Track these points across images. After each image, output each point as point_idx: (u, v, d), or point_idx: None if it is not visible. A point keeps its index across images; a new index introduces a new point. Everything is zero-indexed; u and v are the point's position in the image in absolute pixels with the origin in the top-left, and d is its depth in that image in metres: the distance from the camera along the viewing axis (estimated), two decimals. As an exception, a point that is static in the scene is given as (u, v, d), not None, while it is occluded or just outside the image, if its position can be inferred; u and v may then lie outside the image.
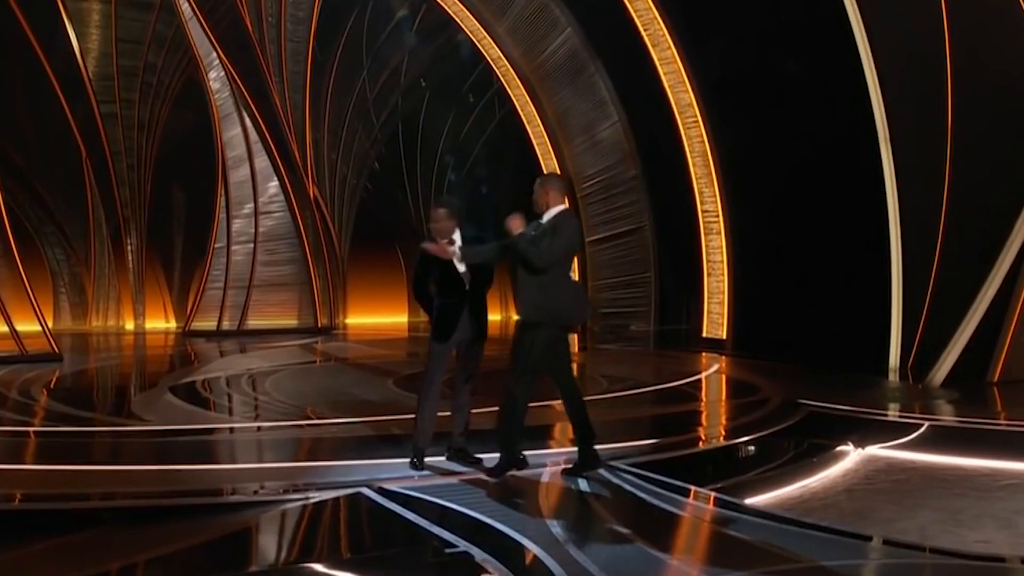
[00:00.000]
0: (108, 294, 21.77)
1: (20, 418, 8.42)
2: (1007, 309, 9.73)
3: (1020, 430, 7.63)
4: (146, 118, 21.15)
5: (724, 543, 4.49)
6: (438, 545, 4.24)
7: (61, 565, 4.17)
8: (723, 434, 7.80)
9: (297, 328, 18.79)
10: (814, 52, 11.65)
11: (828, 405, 8.43)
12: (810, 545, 4.28)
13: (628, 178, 17.30)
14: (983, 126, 9.93)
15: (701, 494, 5.29)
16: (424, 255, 5.73)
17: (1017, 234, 9.64)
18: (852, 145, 10.87)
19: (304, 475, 5.86)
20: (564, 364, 5.71)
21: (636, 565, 4.01)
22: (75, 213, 21.48)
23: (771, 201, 13.19)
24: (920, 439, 7.12)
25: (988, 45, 10.09)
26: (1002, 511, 4.90)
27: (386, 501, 4.97)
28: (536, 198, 5.57)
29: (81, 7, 20.12)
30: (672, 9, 15.04)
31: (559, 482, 5.49)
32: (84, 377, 12.33)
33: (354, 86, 22.31)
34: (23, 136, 20.39)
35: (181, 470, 6.10)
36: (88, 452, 7.08)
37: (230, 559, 4.39)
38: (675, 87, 15.23)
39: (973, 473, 5.84)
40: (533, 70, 18.20)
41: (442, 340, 5.76)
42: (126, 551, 4.38)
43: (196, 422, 8.34)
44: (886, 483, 5.57)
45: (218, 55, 18.12)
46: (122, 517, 4.97)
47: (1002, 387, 9.63)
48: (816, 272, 11.88)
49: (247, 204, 18.70)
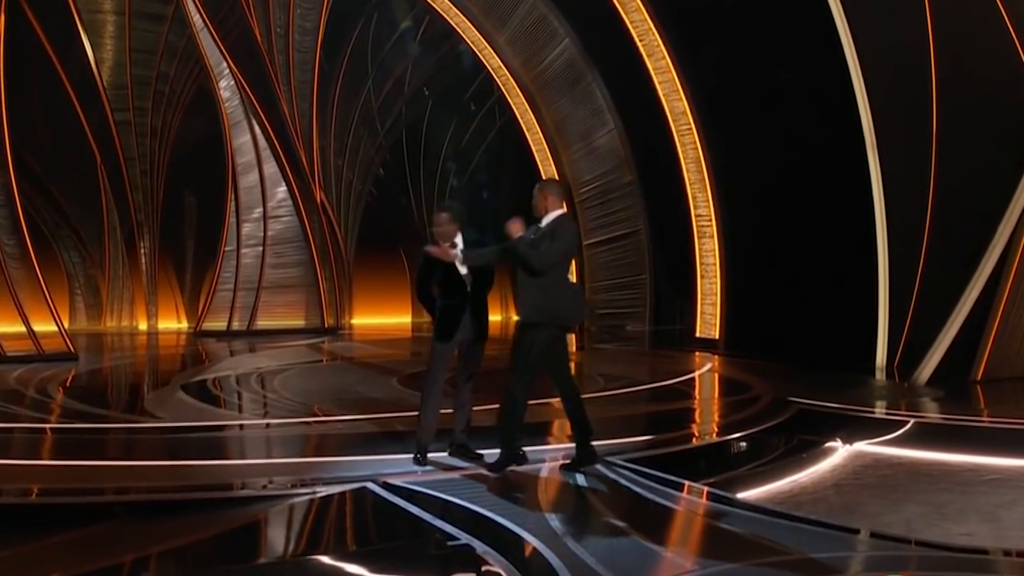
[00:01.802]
0: (122, 295, 21.76)
1: (37, 415, 8.42)
2: (990, 310, 9.73)
3: (1002, 427, 7.63)
4: (159, 126, 21.16)
5: (717, 536, 4.49)
6: (441, 538, 4.24)
7: (77, 557, 4.16)
8: (716, 431, 7.80)
9: (304, 328, 18.78)
10: (804, 62, 11.66)
11: (817, 403, 8.43)
12: (800, 538, 4.28)
13: (624, 183, 17.31)
14: (967, 133, 9.93)
15: (695, 489, 5.29)
16: (427, 258, 5.74)
17: (999, 238, 9.64)
18: (841, 151, 10.87)
19: (311, 470, 5.86)
20: (562, 363, 5.71)
21: (632, 557, 4.01)
22: (90, 217, 21.48)
23: (762, 205, 13.19)
24: (906, 436, 7.12)
25: (972, 55, 10.10)
26: (985, 505, 4.90)
27: (390, 495, 4.97)
28: (535, 203, 5.57)
29: (96, 19, 20.13)
30: (666, 20, 15.07)
31: (557, 477, 5.49)
32: (99, 376, 12.33)
33: (360, 95, 22.33)
34: (40, 143, 20.37)
35: (193, 465, 6.10)
36: (103, 448, 7.08)
37: (240, 551, 4.39)
38: (669, 95, 15.24)
39: (957, 468, 5.84)
40: (532, 79, 18.21)
41: (444, 340, 5.76)
42: (139, 544, 4.37)
43: (207, 419, 8.33)
44: (873, 478, 5.57)
45: (228, 65, 18.13)
46: (136, 511, 4.98)
47: (985, 385, 9.62)
48: (806, 274, 11.88)
49: (256, 209, 18.70)
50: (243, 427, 8.23)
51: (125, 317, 21.75)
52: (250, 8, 18.14)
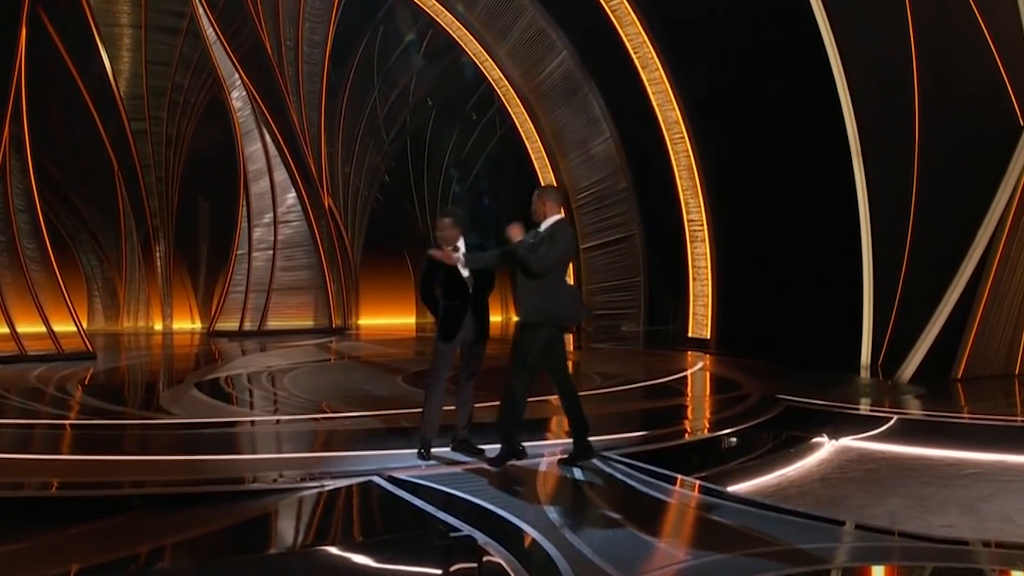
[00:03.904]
0: (138, 297, 21.76)
1: (57, 412, 8.43)
2: (970, 311, 9.74)
3: (981, 423, 7.63)
4: (173, 134, 21.16)
5: (708, 527, 4.50)
6: (444, 529, 4.24)
7: (95, 548, 4.17)
8: (707, 427, 7.79)
9: (313, 328, 18.77)
10: (792, 73, 11.66)
11: (804, 400, 8.43)
12: (788, 529, 4.28)
13: (619, 190, 17.30)
14: (948, 142, 9.93)
15: (687, 482, 5.29)
16: (431, 261, 5.74)
17: (979, 242, 9.66)
18: (827, 159, 10.86)
19: (319, 465, 5.86)
20: (560, 362, 5.71)
21: (627, 548, 4.02)
22: (108, 222, 21.49)
23: (752, 211, 13.19)
24: (889, 431, 7.12)
25: (953, 67, 10.10)
26: (965, 498, 4.91)
27: (395, 489, 4.98)
28: (534, 208, 5.57)
29: (113, 32, 20.14)
30: (660, 34, 15.07)
31: (556, 471, 5.49)
32: (116, 374, 12.33)
33: (366, 105, 22.33)
34: (60, 151, 20.39)
35: (206, 460, 6.10)
36: (120, 443, 7.09)
37: (251, 542, 4.40)
38: (663, 105, 15.24)
39: (938, 463, 5.84)
40: (531, 90, 18.21)
41: (447, 340, 5.77)
42: (155, 535, 4.38)
43: (220, 415, 8.33)
44: (858, 472, 5.58)
45: (240, 76, 18.15)
46: (151, 503, 4.98)
47: (965, 383, 9.63)
48: (794, 277, 11.87)
49: (267, 214, 18.70)
50: (254, 423, 8.24)
51: (141, 318, 21.76)
52: (261, 22, 18.16)
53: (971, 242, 9.67)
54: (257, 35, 18.16)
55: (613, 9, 15.41)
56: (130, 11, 20.06)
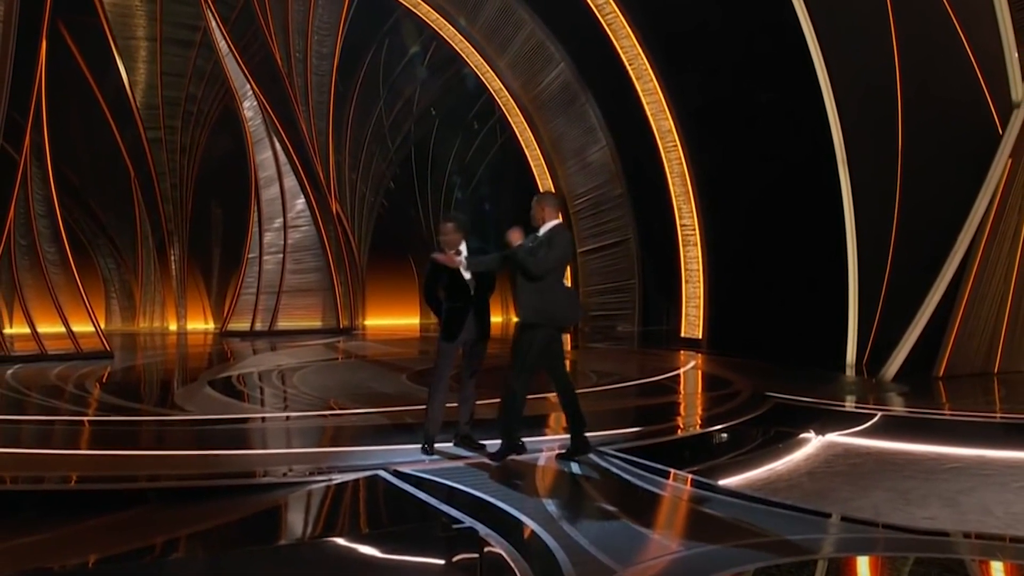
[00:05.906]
0: (154, 298, 21.78)
1: (76, 409, 8.43)
2: (951, 312, 9.74)
3: (962, 419, 7.63)
4: (187, 143, 21.20)
5: (700, 520, 4.49)
6: (446, 521, 4.24)
7: (112, 539, 4.18)
8: (699, 423, 7.79)
9: (321, 329, 18.79)
10: (780, 84, 11.68)
11: (792, 397, 8.43)
12: (776, 521, 4.29)
13: (615, 196, 17.31)
14: (931, 150, 9.94)
15: (680, 476, 5.29)
16: (434, 264, 5.74)
17: (960, 246, 9.67)
18: (814, 166, 10.86)
19: (327, 459, 5.86)
20: (558, 361, 5.70)
21: (622, 539, 4.02)
22: (124, 227, 21.52)
23: (742, 216, 13.19)
24: (874, 427, 7.12)
25: (935, 78, 10.11)
26: (946, 491, 4.91)
27: (400, 482, 4.97)
28: (533, 214, 5.58)
29: (130, 44, 20.17)
30: (654, 46, 15.09)
31: (554, 465, 5.49)
32: (132, 372, 12.33)
33: (372, 114, 22.36)
34: (79, 159, 20.44)
35: (218, 455, 6.10)
36: (136, 439, 7.09)
37: (262, 534, 4.40)
38: (657, 115, 15.26)
39: (921, 458, 5.84)
40: (531, 100, 18.23)
41: (450, 340, 5.77)
42: (169, 526, 4.39)
43: (232, 412, 8.34)
44: (843, 466, 5.58)
45: (251, 87, 18.17)
46: (166, 496, 4.98)
47: (946, 381, 9.62)
48: (782, 279, 11.88)
49: (277, 219, 18.72)
50: (265, 420, 8.24)
51: (156, 318, 21.78)
52: (272, 35, 18.20)
53: (952, 246, 9.68)
54: (268, 47, 18.19)
55: (609, 22, 15.43)
56: (146, 24, 20.11)
